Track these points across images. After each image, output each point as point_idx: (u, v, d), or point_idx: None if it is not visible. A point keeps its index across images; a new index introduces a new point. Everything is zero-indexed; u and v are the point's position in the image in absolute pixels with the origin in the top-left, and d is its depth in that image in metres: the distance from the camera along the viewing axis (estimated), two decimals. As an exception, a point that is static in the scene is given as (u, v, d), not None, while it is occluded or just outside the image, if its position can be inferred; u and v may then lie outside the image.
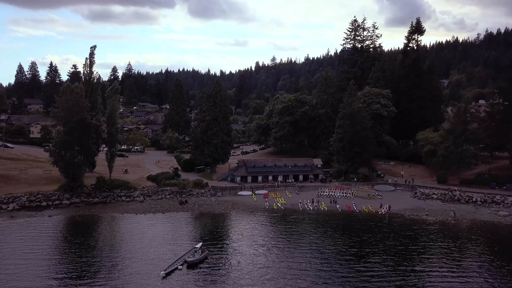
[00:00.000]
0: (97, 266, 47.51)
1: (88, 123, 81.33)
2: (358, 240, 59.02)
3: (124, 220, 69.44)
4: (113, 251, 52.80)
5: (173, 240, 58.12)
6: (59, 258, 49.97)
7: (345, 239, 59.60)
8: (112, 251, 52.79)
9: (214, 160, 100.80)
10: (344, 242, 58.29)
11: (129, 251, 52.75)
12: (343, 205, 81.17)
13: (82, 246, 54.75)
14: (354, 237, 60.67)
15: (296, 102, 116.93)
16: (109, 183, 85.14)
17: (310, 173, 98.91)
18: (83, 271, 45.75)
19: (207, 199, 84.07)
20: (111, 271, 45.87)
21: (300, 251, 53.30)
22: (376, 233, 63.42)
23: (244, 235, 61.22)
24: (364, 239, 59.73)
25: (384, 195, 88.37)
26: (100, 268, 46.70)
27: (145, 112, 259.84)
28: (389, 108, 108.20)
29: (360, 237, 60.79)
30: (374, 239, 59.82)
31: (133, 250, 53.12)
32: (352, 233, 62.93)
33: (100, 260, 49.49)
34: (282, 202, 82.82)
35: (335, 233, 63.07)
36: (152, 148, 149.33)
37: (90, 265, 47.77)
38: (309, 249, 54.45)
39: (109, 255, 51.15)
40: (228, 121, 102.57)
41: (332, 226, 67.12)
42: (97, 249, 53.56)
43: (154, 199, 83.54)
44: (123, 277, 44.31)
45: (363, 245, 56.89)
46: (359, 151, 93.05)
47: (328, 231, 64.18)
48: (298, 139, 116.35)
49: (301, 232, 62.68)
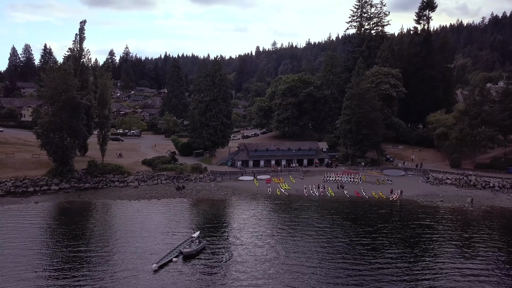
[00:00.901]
0: (83, 258, 43.11)
1: (77, 102, 76.23)
2: (370, 230, 54.47)
3: (116, 207, 65.00)
4: (102, 242, 48.39)
5: (169, 228, 53.68)
6: (42, 249, 45.53)
7: (355, 229, 55.06)
8: (101, 242, 48.38)
9: (213, 144, 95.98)
10: (354, 232, 53.77)
11: (119, 241, 48.35)
12: (351, 191, 76.70)
13: (68, 235, 50.34)
14: (364, 226, 56.14)
15: (300, 83, 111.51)
16: (101, 167, 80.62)
17: (315, 157, 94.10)
18: (67, 264, 41.38)
19: (206, 185, 79.55)
20: (98, 264, 41.49)
21: (306, 242, 48.79)
22: (389, 221, 58.90)
23: (246, 223, 56.77)
24: (376, 228, 55.21)
25: (394, 180, 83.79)
26: (87, 261, 42.30)
27: (143, 96, 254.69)
28: (398, 89, 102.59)
29: (372, 226, 56.28)
30: (387, 228, 55.31)
31: (124, 240, 48.72)
32: (362, 222, 58.41)
33: (87, 251, 45.08)
34: (286, 188, 78.31)
35: (344, 221, 58.52)
36: (149, 132, 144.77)
37: (76, 257, 43.36)
38: (316, 240, 49.95)
39: (98, 246, 46.74)
40: (228, 102, 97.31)
41: (341, 214, 62.59)
42: (84, 239, 49.13)
43: (149, 185, 79.11)
44: (111, 270, 39.94)
45: (375, 235, 52.37)
46: (368, 133, 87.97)
47: (336, 220, 59.66)
48: (302, 121, 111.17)
49: (307, 221, 58.18)
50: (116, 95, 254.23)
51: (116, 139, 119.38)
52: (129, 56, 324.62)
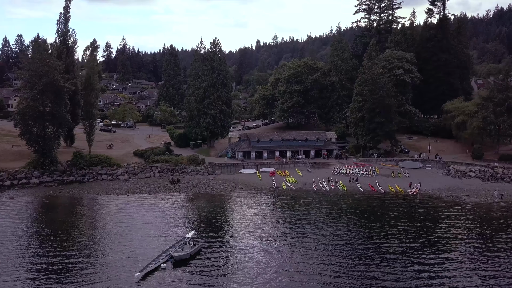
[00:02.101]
0: (58, 264, 36.25)
1: (60, 86, 68.91)
2: (393, 231, 47.30)
3: (102, 203, 58.04)
4: (80, 244, 41.44)
5: (159, 228, 46.66)
6: (6, 254, 38.41)
7: (375, 229, 47.95)
8: (79, 244, 41.44)
9: (212, 134, 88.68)
10: (374, 233, 46.67)
11: (101, 244, 41.44)
12: (364, 185, 69.71)
13: (42, 237, 43.49)
14: (386, 226, 49.06)
15: (306, 68, 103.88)
16: (88, 159, 73.59)
17: (323, 148, 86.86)
18: (39, 271, 34.56)
19: (203, 178, 72.46)
20: (73, 273, 34.61)
21: (318, 246, 41.73)
22: (413, 220, 51.78)
23: (248, 221, 49.70)
24: (400, 229, 48.08)
25: (411, 173, 76.64)
26: (60, 269, 35.38)
27: (140, 88, 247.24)
28: (413, 74, 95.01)
29: (394, 226, 49.21)
30: (413, 229, 48.19)
31: (106, 243, 41.82)
32: (382, 220, 51.32)
33: (61, 257, 38.11)
34: (292, 181, 71.24)
35: (361, 220, 51.37)
36: (145, 124, 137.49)
37: (47, 264, 36.49)
38: (329, 243, 42.88)
39: (75, 250, 39.82)
40: (228, 88, 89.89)
41: (356, 211, 55.47)
42: (60, 242, 42.17)
43: (141, 178, 72.09)
44: (88, 281, 32.98)
45: (401, 237, 45.26)
46: (382, 121, 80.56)
47: (351, 218, 52.54)
48: (308, 110, 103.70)
49: (318, 219, 51.07)
50: (112, 87, 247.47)
51: (108, 130, 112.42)
52: (126, 48, 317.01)
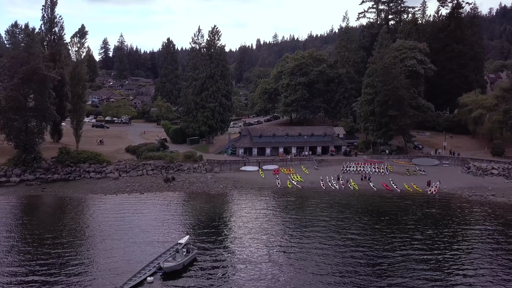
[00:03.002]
0: (26, 277, 30.19)
1: (43, 75, 62.95)
2: (417, 238, 41.37)
3: (87, 204, 52.22)
4: (54, 254, 35.62)
5: (148, 232, 40.78)
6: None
7: (395, 236, 42.05)
8: (53, 254, 35.60)
9: (210, 129, 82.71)
10: (395, 241, 40.78)
11: (79, 253, 35.63)
12: (378, 183, 63.92)
13: (16, 243, 37.47)
14: (408, 232, 43.26)
15: (311, 60, 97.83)
16: (75, 155, 67.77)
17: (331, 144, 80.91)
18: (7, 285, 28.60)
19: (201, 176, 66.57)
20: None
21: (330, 257, 35.87)
22: (439, 224, 45.90)
23: (250, 226, 43.82)
24: (427, 236, 42.21)
25: (428, 171, 70.70)
26: (31, 283, 29.35)
27: (137, 85, 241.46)
28: (426, 65, 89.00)
29: (419, 231, 43.40)
30: (440, 236, 42.29)
31: (85, 251, 36.02)
32: (402, 225, 45.49)
33: (31, 269, 32.13)
34: (298, 180, 65.38)
35: (378, 224, 45.46)
36: (141, 120, 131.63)
37: (17, 274, 30.46)
38: (343, 253, 37.06)
39: (47, 261, 33.98)
40: (227, 80, 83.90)
41: (371, 213, 49.61)
42: (31, 249, 36.25)
43: (133, 176, 66.23)
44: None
45: (427, 248, 39.30)
46: (395, 114, 74.57)
47: (366, 222, 46.67)
48: (313, 104, 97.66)
49: (329, 223, 45.24)
50: (108, 84, 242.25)
51: (101, 126, 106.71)
52: (123, 45, 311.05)
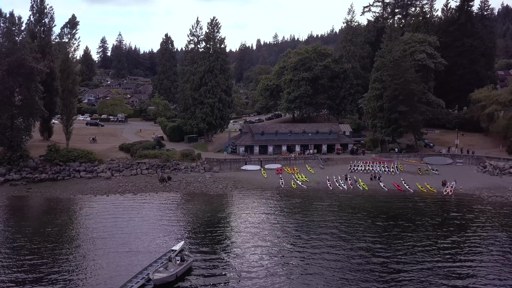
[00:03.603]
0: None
1: (30, 68, 58.93)
2: (444, 246, 37.26)
3: (74, 205, 48.17)
4: (32, 264, 31.46)
5: (139, 238, 36.72)
6: None
7: (417, 244, 37.95)
8: (30, 264, 31.45)
9: (209, 127, 78.65)
10: (417, 250, 36.66)
11: (61, 262, 31.57)
12: (388, 183, 59.93)
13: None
14: (431, 238, 39.10)
15: (315, 54, 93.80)
16: (64, 153, 63.70)
17: (337, 142, 76.82)
18: None
19: (199, 175, 62.53)
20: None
21: (341, 269, 31.82)
22: (463, 230, 41.83)
23: (251, 231, 39.76)
24: (450, 244, 38.04)
25: (441, 170, 66.61)
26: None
27: (136, 84, 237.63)
28: (436, 60, 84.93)
29: (441, 238, 39.24)
30: (469, 243, 38.14)
31: (66, 260, 31.90)
32: (422, 230, 41.41)
33: (9, 278, 28.12)
34: (303, 180, 61.34)
35: (395, 229, 41.39)
36: (138, 119, 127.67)
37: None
38: (357, 264, 33.03)
39: (23, 272, 29.74)
40: (227, 74, 79.79)
41: (385, 216, 45.54)
42: (5, 258, 32.07)
43: (126, 175, 62.23)
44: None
45: (457, 258, 35.18)
46: (406, 110, 70.46)
47: (381, 226, 42.58)
48: (317, 101, 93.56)
49: (339, 228, 41.20)
50: (106, 82, 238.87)
51: (95, 124, 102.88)
52: (122, 44, 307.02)
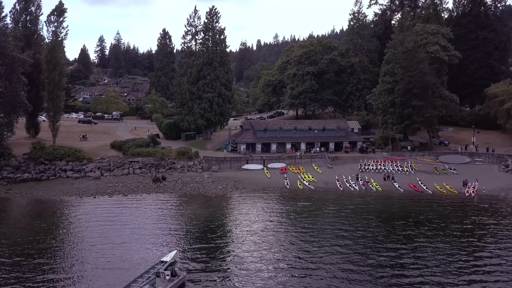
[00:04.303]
0: None
1: (12, 57, 54.18)
2: (492, 264, 32.41)
3: (56, 208, 43.47)
4: (8, 275, 26.67)
5: (124, 248, 31.86)
6: None
7: (449, 256, 33.07)
8: (6, 275, 26.66)
9: (208, 123, 73.92)
10: (452, 265, 31.81)
11: (27, 279, 26.57)
12: (404, 184, 55.37)
13: None
14: (465, 249, 34.28)
15: (320, 47, 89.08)
16: (50, 151, 58.92)
17: (345, 139, 72.05)
18: None
19: (196, 175, 57.80)
20: None
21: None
22: (500, 238, 36.86)
23: (253, 238, 35.05)
24: (493, 256, 33.21)
25: (459, 169, 61.87)
26: None
27: (133, 83, 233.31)
28: (450, 52, 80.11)
29: (478, 249, 34.39)
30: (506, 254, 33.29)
31: (36, 275, 26.96)
32: (450, 238, 36.57)
33: None
34: (310, 180, 56.63)
35: (419, 237, 36.63)
36: (134, 117, 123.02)
37: None
38: (381, 283, 28.00)
39: None
40: (227, 67, 75.12)
41: (405, 222, 40.77)
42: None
43: (117, 175, 57.51)
44: None
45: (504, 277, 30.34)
46: (420, 105, 65.66)
47: (402, 234, 37.78)
48: (323, 97, 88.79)
49: (353, 235, 36.39)
50: (104, 81, 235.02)
51: (88, 121, 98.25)
52: (120, 43, 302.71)
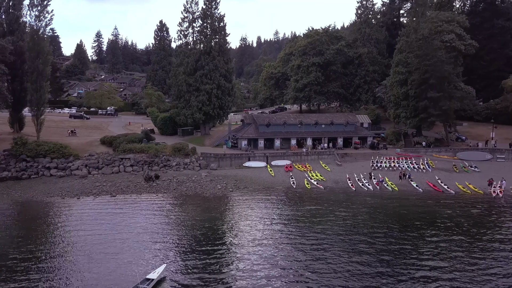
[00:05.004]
0: None
1: (-13, 43, 49.44)
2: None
3: (33, 211, 38.81)
4: None
5: (102, 260, 27.10)
6: None
7: (498, 275, 28.28)
8: None
9: (206, 117, 69.14)
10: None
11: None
12: (422, 183, 50.60)
13: None
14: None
15: (326, 37, 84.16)
16: (33, 147, 54.19)
17: (355, 135, 67.24)
18: None
19: (193, 173, 53.06)
20: None
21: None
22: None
23: (259, 252, 30.23)
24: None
25: (480, 167, 57.10)
26: None
27: (131, 79, 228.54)
28: (466, 42, 75.18)
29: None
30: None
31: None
32: (493, 253, 31.69)
33: None
34: (318, 179, 51.88)
35: (452, 247, 31.77)
36: (130, 112, 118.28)
37: None
38: None
39: None
40: (227, 57, 70.23)
41: (434, 228, 35.92)
42: None
43: (106, 173, 52.76)
44: None
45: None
46: (438, 96, 60.80)
47: (433, 243, 32.93)
48: (329, 90, 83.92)
49: (376, 247, 31.57)
50: (100, 77, 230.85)
51: (80, 116, 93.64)
52: (118, 38, 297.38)
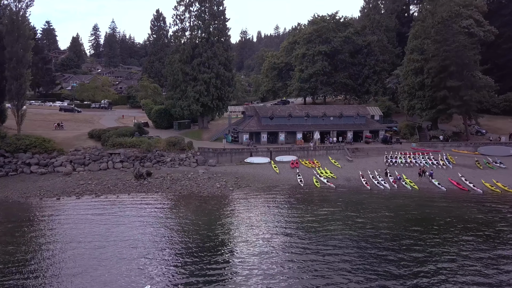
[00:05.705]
0: None
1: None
2: None
3: (6, 214, 33.78)
4: None
5: (79, 278, 22.29)
6: None
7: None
8: None
9: (204, 109, 64.28)
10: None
11: None
12: (444, 181, 45.79)
13: None
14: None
15: (333, 24, 79.10)
16: (13, 141, 49.47)
17: (366, 128, 62.39)
18: None
19: (189, 170, 48.29)
20: None
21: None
22: None
23: (264, 267, 25.46)
24: None
25: (506, 163, 52.43)
26: None
27: (128, 73, 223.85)
28: (485, 28, 70.18)
29: None
30: None
31: None
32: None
33: None
34: (328, 176, 47.05)
35: (501, 264, 26.95)
36: (125, 106, 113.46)
37: None
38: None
39: None
40: (227, 44, 65.26)
41: (469, 234, 31.24)
42: None
43: (92, 170, 48.00)
44: None
45: None
46: (458, 85, 55.88)
47: (472, 255, 28.19)
48: (336, 80, 78.99)
49: (401, 256, 26.75)
50: (97, 71, 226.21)
51: (71, 109, 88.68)
52: (115, 31, 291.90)
